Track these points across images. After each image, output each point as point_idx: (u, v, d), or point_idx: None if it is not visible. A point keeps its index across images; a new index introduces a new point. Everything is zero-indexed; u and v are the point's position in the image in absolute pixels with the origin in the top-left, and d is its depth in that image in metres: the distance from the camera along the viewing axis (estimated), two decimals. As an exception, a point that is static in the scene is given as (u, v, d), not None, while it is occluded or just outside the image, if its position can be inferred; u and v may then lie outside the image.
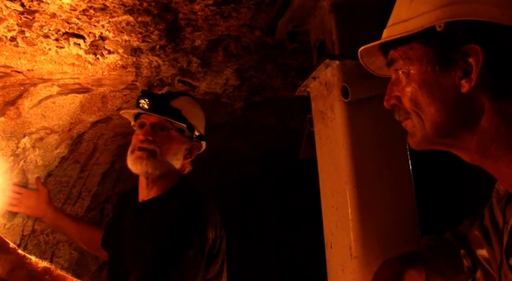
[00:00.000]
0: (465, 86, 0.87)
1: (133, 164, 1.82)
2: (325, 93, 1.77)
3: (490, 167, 0.92)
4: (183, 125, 1.85)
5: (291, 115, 3.50)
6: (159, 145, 1.82)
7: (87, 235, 2.27)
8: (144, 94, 1.85)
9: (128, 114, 2.00)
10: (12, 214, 2.55)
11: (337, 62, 1.67)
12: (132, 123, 2.00)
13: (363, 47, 1.04)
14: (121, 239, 1.89)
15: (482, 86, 0.86)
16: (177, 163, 1.88)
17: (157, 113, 1.83)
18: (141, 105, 1.83)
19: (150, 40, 2.01)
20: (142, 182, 1.92)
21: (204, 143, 2.01)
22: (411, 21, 0.93)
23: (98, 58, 2.09)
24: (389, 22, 1.01)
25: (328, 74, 1.74)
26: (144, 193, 1.90)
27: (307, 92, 1.97)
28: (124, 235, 1.88)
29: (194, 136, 1.93)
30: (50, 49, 1.94)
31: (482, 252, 1.23)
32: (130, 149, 1.87)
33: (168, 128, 1.86)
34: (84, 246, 2.41)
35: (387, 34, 0.99)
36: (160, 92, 1.95)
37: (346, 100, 1.61)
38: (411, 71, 0.94)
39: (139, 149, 1.82)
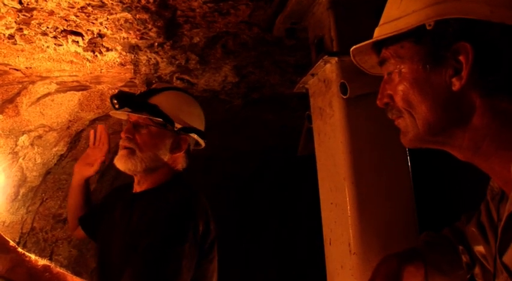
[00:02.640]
0: (456, 84, 0.87)
1: (117, 162, 1.89)
2: (324, 89, 1.77)
3: (483, 164, 0.92)
4: (159, 119, 1.87)
5: (289, 112, 3.50)
6: (138, 142, 1.87)
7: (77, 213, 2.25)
8: (113, 95, 1.90)
9: (120, 115, 2.05)
10: (14, 210, 2.56)
11: (336, 58, 1.67)
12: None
13: (354, 46, 1.04)
14: (111, 230, 1.92)
15: (473, 83, 0.87)
16: (162, 157, 1.90)
17: (134, 111, 1.87)
18: (115, 105, 1.87)
19: (148, 37, 2.01)
20: (134, 177, 1.96)
21: (195, 136, 2.00)
22: (401, 20, 0.93)
23: (96, 55, 2.09)
24: (381, 21, 1.01)
25: (326, 70, 1.74)
26: (137, 187, 1.95)
27: (305, 88, 1.97)
28: (114, 226, 1.91)
29: (176, 129, 1.93)
30: (48, 47, 1.94)
31: (479, 248, 1.24)
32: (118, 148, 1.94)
33: (146, 124, 1.89)
34: (69, 221, 2.36)
35: (378, 33, 0.99)
36: (143, 90, 2.00)
37: (344, 97, 1.61)
38: (403, 70, 0.95)
39: (123, 148, 1.89)
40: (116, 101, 1.86)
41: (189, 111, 1.99)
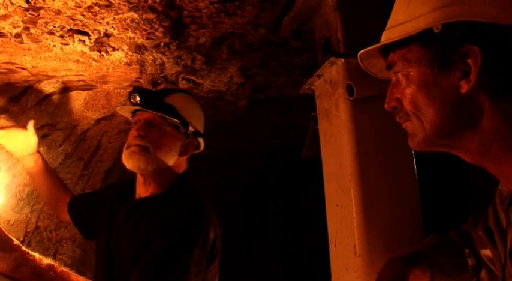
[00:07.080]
0: (464, 87, 0.87)
1: (126, 159, 1.83)
2: (330, 91, 1.77)
3: (492, 167, 0.91)
4: (176, 120, 1.85)
5: (295, 113, 3.50)
6: (151, 141, 1.82)
7: (55, 196, 2.20)
8: (135, 90, 1.86)
9: (125, 111, 1.99)
10: (18, 209, 2.56)
11: (342, 60, 1.66)
12: (130, 120, 2.00)
13: (362, 51, 1.03)
14: (116, 234, 1.87)
15: (482, 86, 0.86)
16: (171, 160, 1.88)
17: (150, 109, 1.83)
18: (132, 100, 1.84)
19: (154, 37, 2.01)
20: (139, 179, 1.92)
21: (201, 140, 2.00)
22: (408, 23, 0.92)
23: (103, 55, 2.09)
24: (388, 25, 1.00)
25: (333, 72, 1.74)
26: (142, 190, 1.90)
27: (311, 90, 1.96)
28: (119, 230, 1.87)
29: (189, 132, 1.92)
30: (54, 46, 1.95)
31: (486, 252, 1.23)
32: (125, 145, 1.87)
33: (161, 124, 1.85)
34: (48, 205, 2.34)
35: (385, 37, 0.98)
36: (155, 89, 1.96)
37: (351, 98, 1.61)
38: (410, 73, 0.94)
39: (135, 145, 1.82)
40: (138, 97, 1.82)
41: (199, 116, 1.99)
